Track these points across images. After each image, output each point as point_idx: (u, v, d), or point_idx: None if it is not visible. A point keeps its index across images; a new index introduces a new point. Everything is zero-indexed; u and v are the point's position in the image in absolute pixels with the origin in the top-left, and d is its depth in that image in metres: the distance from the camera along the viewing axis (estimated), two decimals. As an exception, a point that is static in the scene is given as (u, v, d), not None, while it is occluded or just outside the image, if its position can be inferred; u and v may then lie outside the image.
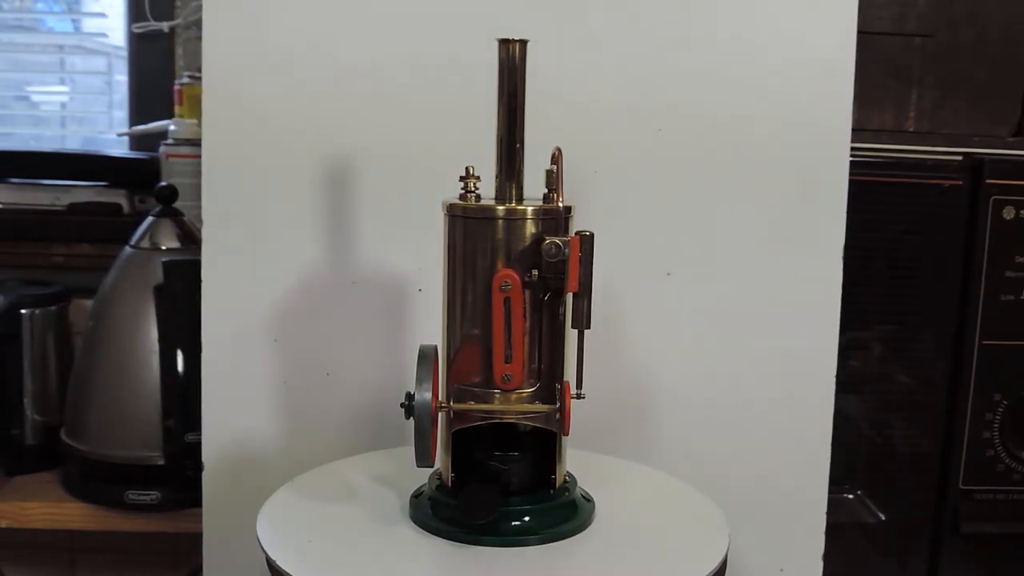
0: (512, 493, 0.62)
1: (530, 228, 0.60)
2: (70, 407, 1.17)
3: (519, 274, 0.59)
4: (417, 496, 0.65)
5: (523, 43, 0.60)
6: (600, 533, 0.63)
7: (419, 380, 0.59)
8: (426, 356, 0.61)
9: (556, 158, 0.61)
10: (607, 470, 0.73)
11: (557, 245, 0.58)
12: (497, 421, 0.61)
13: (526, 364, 0.60)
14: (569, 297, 0.60)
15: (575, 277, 0.58)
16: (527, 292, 0.59)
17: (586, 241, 0.59)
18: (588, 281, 0.59)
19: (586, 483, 0.67)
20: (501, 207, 0.60)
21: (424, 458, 0.59)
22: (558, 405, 0.60)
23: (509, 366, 0.59)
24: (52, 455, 1.19)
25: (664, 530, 0.65)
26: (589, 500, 0.65)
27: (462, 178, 0.61)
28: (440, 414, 0.61)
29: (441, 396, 0.61)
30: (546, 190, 0.61)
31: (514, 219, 0.60)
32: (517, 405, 0.61)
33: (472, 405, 0.61)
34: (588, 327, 0.59)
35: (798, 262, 0.83)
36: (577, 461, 0.66)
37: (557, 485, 0.63)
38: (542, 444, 0.62)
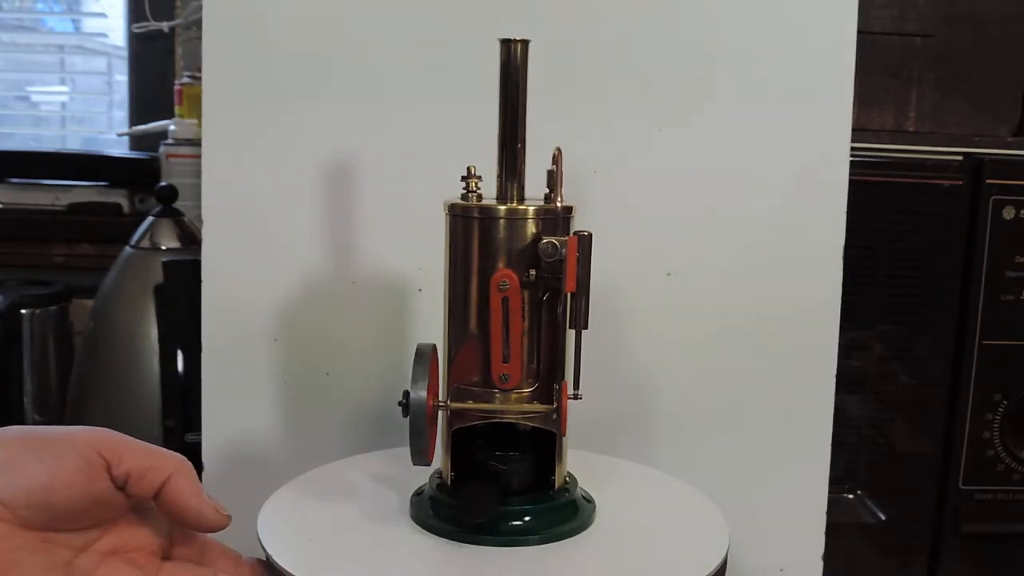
0: (512, 493, 0.61)
1: (530, 228, 0.59)
2: (70, 407, 1.17)
3: (517, 274, 0.59)
4: (417, 495, 0.64)
5: (524, 43, 0.60)
6: (600, 533, 0.63)
7: (415, 378, 0.59)
8: (422, 354, 0.61)
9: (556, 158, 0.61)
10: (607, 470, 0.73)
11: (554, 245, 0.58)
12: (496, 421, 0.61)
13: (524, 364, 0.60)
14: (568, 297, 0.60)
15: (572, 277, 0.58)
16: (525, 292, 0.59)
17: (583, 241, 0.58)
18: (585, 281, 0.59)
19: (586, 483, 0.66)
20: (502, 207, 0.60)
21: (419, 456, 0.59)
22: (555, 405, 0.60)
23: (507, 366, 0.59)
24: (52, 455, 1.19)
25: (664, 530, 0.65)
26: (589, 500, 0.65)
27: (464, 178, 0.61)
28: (440, 413, 0.61)
29: (442, 395, 0.61)
30: (547, 190, 0.61)
31: (515, 219, 0.59)
32: (516, 405, 0.60)
33: (471, 404, 0.61)
34: (586, 327, 0.59)
35: (798, 262, 0.83)
36: (577, 461, 0.65)
37: (557, 485, 0.63)
38: (542, 444, 0.62)
